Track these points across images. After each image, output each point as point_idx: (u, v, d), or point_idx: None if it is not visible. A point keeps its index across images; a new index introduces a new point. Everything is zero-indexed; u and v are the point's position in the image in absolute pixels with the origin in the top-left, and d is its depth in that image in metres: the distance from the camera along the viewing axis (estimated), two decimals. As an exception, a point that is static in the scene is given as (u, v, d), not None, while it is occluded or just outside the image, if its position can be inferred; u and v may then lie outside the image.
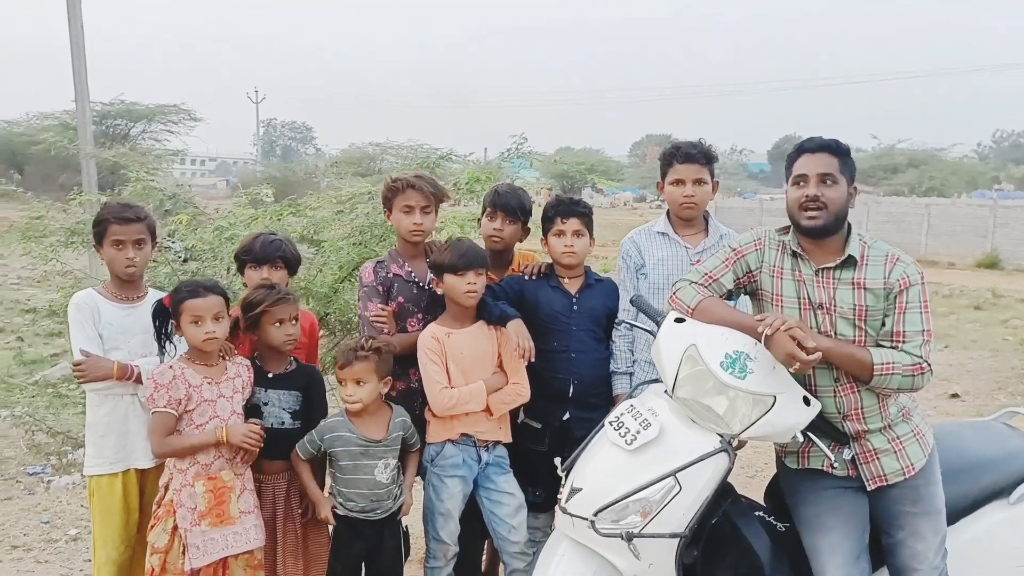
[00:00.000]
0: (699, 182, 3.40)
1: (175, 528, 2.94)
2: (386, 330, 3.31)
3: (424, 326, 3.35)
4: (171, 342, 3.09)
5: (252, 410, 3.12)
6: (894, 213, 25.19)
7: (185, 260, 5.68)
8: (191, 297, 2.95)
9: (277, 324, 3.10)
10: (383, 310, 3.32)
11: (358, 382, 3.03)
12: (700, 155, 3.41)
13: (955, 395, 8.68)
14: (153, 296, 3.26)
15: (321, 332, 5.63)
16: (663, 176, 3.50)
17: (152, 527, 3.01)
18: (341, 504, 3.11)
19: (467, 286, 3.18)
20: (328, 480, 3.26)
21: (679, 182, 3.41)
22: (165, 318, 3.04)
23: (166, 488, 3.01)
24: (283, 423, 3.14)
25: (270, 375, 3.16)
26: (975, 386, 9.07)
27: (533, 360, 3.20)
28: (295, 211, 5.42)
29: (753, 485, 5.03)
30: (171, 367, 2.96)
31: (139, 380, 3.09)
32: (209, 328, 2.95)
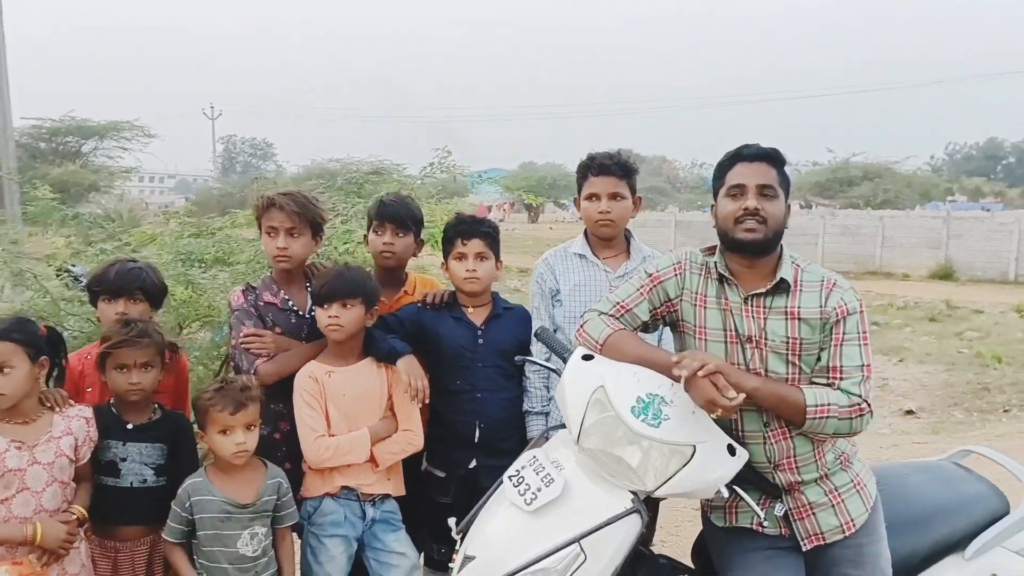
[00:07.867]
0: (615, 196, 3.07)
1: None
2: (266, 353, 2.91)
3: None
4: None
5: (108, 467, 2.66)
6: (849, 226, 25.35)
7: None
8: None
9: (120, 369, 2.66)
10: (257, 333, 2.92)
11: (249, 427, 2.61)
12: (616, 167, 3.08)
13: (910, 411, 8.48)
14: None
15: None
16: (579, 190, 3.16)
17: None
18: None
19: (328, 319, 2.80)
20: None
21: (594, 197, 3.07)
22: None
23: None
24: (145, 481, 2.68)
25: (129, 426, 2.69)
26: (930, 402, 8.88)
27: (427, 401, 2.85)
28: (197, 233, 4.91)
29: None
30: None
31: None
32: None
